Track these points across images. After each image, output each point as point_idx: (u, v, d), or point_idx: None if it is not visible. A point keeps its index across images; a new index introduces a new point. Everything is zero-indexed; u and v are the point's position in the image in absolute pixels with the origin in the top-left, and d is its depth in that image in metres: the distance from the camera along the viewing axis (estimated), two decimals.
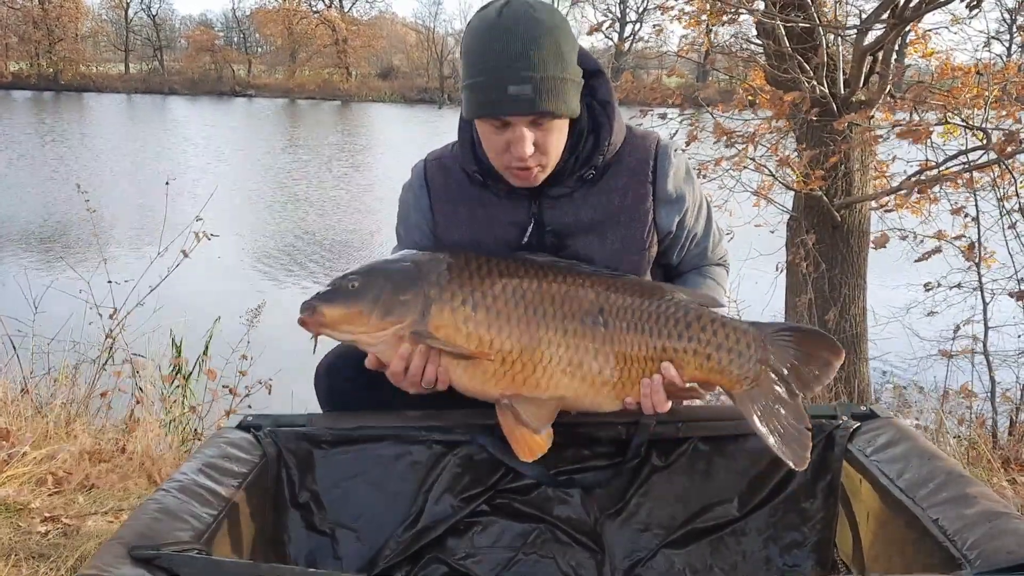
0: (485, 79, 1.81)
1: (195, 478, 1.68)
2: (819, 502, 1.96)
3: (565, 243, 2.01)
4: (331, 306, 1.82)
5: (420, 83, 58.51)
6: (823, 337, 1.91)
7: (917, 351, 6.61)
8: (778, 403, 1.84)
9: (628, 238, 2.02)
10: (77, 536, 3.07)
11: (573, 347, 1.83)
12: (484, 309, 1.82)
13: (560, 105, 1.82)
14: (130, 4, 62.60)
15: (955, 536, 1.51)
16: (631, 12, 45.75)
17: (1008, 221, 5.84)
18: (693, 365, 1.85)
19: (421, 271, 1.85)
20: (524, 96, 1.77)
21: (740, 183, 7.42)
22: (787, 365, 1.86)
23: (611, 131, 1.98)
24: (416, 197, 2.13)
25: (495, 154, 1.90)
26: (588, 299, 1.85)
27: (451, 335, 1.82)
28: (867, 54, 6.69)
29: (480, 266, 1.87)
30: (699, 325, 1.85)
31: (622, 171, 2.02)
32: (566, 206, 2.01)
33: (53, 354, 5.10)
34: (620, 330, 1.84)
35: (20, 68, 57.74)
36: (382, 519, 1.95)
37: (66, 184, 18.76)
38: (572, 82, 1.85)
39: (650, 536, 1.97)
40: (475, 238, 2.04)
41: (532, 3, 1.83)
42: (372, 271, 1.89)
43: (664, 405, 1.85)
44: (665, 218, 2.05)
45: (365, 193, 21.13)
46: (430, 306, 1.81)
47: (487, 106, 1.82)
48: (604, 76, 2.02)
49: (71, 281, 5.68)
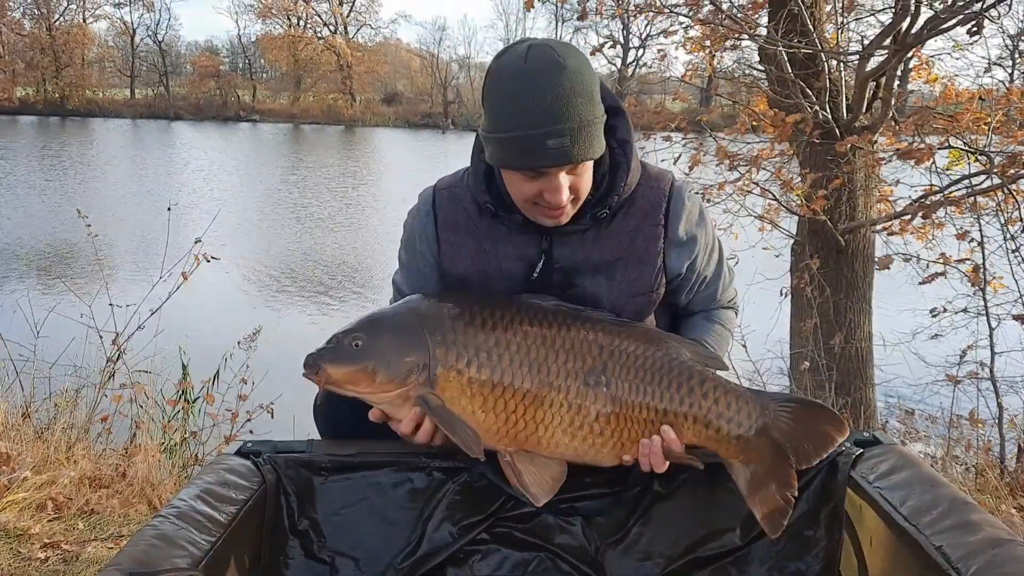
0: (521, 134, 1.77)
1: (193, 504, 1.67)
2: (822, 530, 1.94)
3: (572, 281, 1.99)
4: (335, 366, 1.82)
5: (424, 108, 58.82)
6: (826, 412, 1.90)
7: (923, 376, 6.58)
8: (770, 474, 1.83)
9: (636, 280, 2.00)
10: (77, 562, 3.06)
11: (575, 408, 1.83)
12: (489, 370, 1.81)
13: (595, 149, 1.82)
14: (136, 30, 63.16)
15: (959, 563, 1.49)
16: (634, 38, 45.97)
17: (1012, 245, 5.83)
18: (692, 431, 1.85)
19: (425, 328, 1.84)
20: (563, 149, 1.76)
21: (744, 207, 7.43)
22: (787, 437, 1.85)
23: (628, 171, 1.96)
24: (423, 225, 2.11)
25: (524, 199, 1.89)
26: (592, 356, 1.84)
27: (456, 396, 1.82)
28: (869, 80, 6.71)
29: (485, 320, 1.85)
30: (701, 391, 1.85)
31: (635, 212, 2.00)
32: (576, 244, 1.99)
33: (54, 379, 5.10)
34: (622, 391, 1.84)
35: (27, 93, 58.15)
36: (382, 547, 1.93)
37: (70, 208, 18.83)
38: (600, 120, 1.84)
39: (652, 565, 1.95)
40: (481, 270, 2.03)
41: (553, 45, 1.80)
42: (376, 328, 1.87)
43: (661, 466, 1.84)
44: (675, 261, 2.04)
45: (369, 217, 21.20)
46: (436, 368, 1.81)
47: (525, 160, 1.80)
48: (624, 115, 1.99)
49: (73, 305, 5.68)
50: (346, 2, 61.36)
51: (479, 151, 1.99)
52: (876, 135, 6.70)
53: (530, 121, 1.75)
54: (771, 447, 1.84)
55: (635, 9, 8.21)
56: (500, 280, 2.01)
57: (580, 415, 1.83)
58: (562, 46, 1.82)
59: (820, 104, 6.78)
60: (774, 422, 1.84)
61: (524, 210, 1.93)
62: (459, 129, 52.43)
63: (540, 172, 1.81)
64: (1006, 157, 5.98)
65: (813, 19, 6.83)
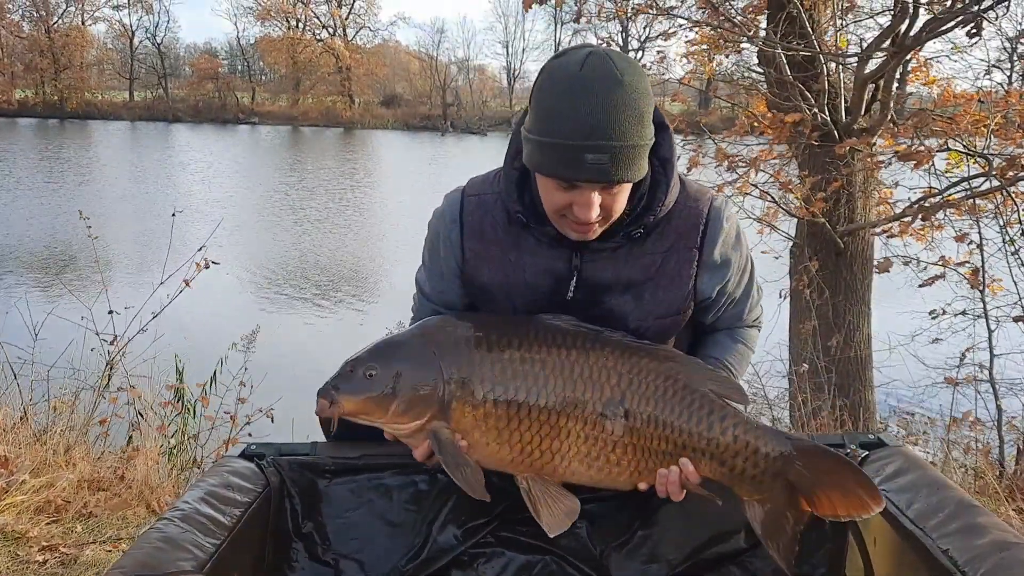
0: (561, 142, 1.68)
1: (197, 507, 1.67)
2: (828, 532, 1.94)
3: (599, 299, 1.92)
4: (349, 397, 1.79)
5: (423, 111, 58.86)
6: (862, 476, 1.77)
7: (922, 379, 6.58)
8: (786, 514, 1.80)
9: (665, 301, 1.93)
10: (75, 565, 3.05)
11: (592, 439, 1.79)
12: (505, 404, 1.78)
13: (636, 172, 1.73)
14: (135, 33, 63.23)
15: (965, 567, 1.49)
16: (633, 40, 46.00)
17: (1012, 248, 5.83)
18: (708, 467, 1.81)
19: (441, 359, 1.80)
20: (601, 166, 1.67)
21: (743, 210, 7.43)
22: (806, 484, 1.78)
23: (667, 191, 1.88)
24: (448, 229, 2.02)
25: (554, 209, 1.81)
26: (611, 385, 1.80)
27: (470, 429, 1.79)
28: (868, 82, 6.72)
29: (502, 350, 1.81)
30: (720, 427, 1.80)
31: (670, 233, 1.92)
32: (607, 262, 1.91)
33: (53, 381, 5.08)
34: (641, 423, 1.79)
35: (26, 95, 58.21)
36: (386, 550, 1.93)
37: (69, 211, 18.86)
38: (647, 144, 1.74)
39: (657, 568, 1.94)
40: (504, 281, 1.95)
41: (614, 57, 1.70)
42: (391, 358, 1.83)
43: (679, 495, 1.81)
44: (707, 284, 1.96)
45: (367, 220, 21.22)
46: (451, 402, 1.78)
47: (560, 169, 1.71)
48: (668, 131, 1.89)
49: (72, 308, 5.67)
50: (345, 4, 61.42)
51: (513, 155, 1.91)
52: (875, 137, 6.70)
53: (572, 131, 1.66)
54: (787, 490, 1.79)
55: (634, 11, 8.22)
56: (524, 293, 1.95)
57: (597, 446, 1.79)
58: (623, 60, 1.72)
59: (819, 106, 6.79)
60: (793, 466, 1.79)
61: (552, 220, 1.85)
62: (458, 131, 52.50)
63: (573, 185, 1.73)
64: (1005, 159, 5.98)
65: (812, 21, 6.84)
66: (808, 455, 1.79)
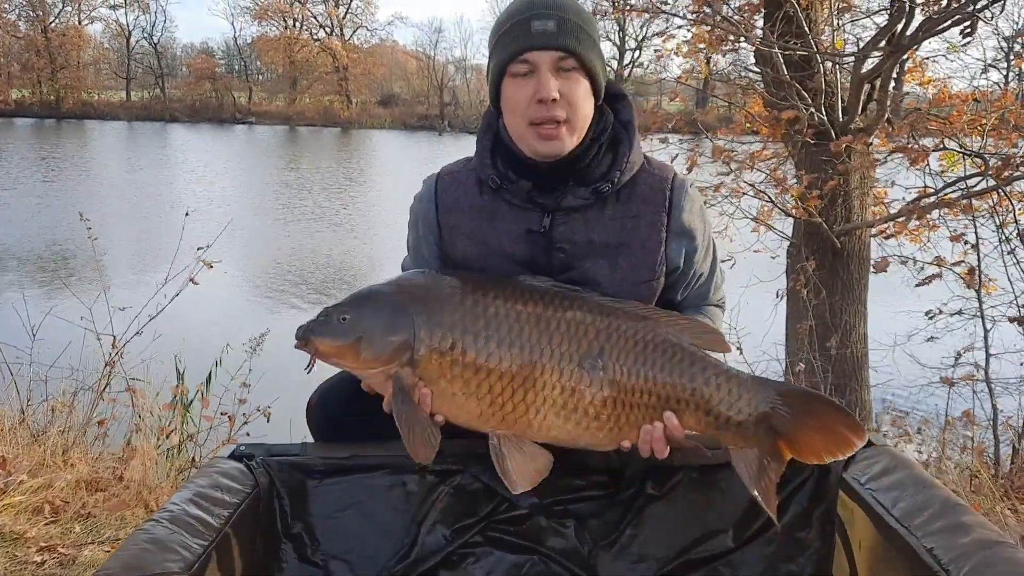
0: (512, 20, 1.90)
1: (186, 508, 1.67)
2: (815, 532, 1.95)
3: (574, 263, 1.98)
4: (321, 339, 1.82)
5: (420, 110, 58.69)
6: (843, 413, 1.82)
7: (918, 378, 6.58)
8: (771, 462, 1.81)
9: (638, 266, 1.99)
10: (73, 566, 3.05)
11: (569, 391, 1.78)
12: (474, 353, 1.78)
13: (582, 47, 1.89)
14: (132, 32, 63.08)
15: (949, 565, 1.50)
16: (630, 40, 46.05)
17: (1008, 247, 5.84)
18: (693, 418, 1.82)
19: (412, 307, 1.82)
20: (547, 31, 1.86)
21: (740, 209, 7.43)
22: (789, 427, 1.80)
23: (631, 148, 2.00)
24: (424, 209, 2.13)
25: (521, 111, 1.91)
26: (588, 338, 1.80)
27: (435, 378, 1.79)
28: (865, 81, 6.73)
29: (476, 301, 1.82)
30: (703, 377, 1.81)
31: (637, 197, 2.01)
32: (578, 224, 1.98)
33: (51, 382, 5.08)
34: (620, 375, 1.79)
35: (22, 95, 58.10)
36: (375, 550, 1.93)
37: (66, 211, 18.84)
38: (593, 41, 1.93)
39: (645, 567, 1.95)
40: (480, 251, 2.03)
41: None
42: (364, 305, 1.87)
43: (664, 452, 1.82)
44: (675, 251, 2.03)
45: (365, 219, 21.18)
46: (419, 349, 1.79)
47: (512, 44, 1.89)
48: (628, 101, 2.07)
49: (70, 308, 5.66)
50: (342, 4, 61.34)
51: (485, 129, 2.08)
52: (871, 137, 6.71)
53: (519, 7, 1.90)
54: (771, 435, 1.81)
55: (630, 10, 8.23)
56: (499, 259, 2.00)
57: (575, 399, 1.78)
58: None
59: (816, 106, 6.80)
60: (776, 411, 1.80)
61: (523, 141, 1.95)
62: (456, 131, 52.35)
63: (529, 70, 1.88)
64: (1001, 159, 5.99)
65: (809, 21, 6.85)
66: (789, 398, 1.82)
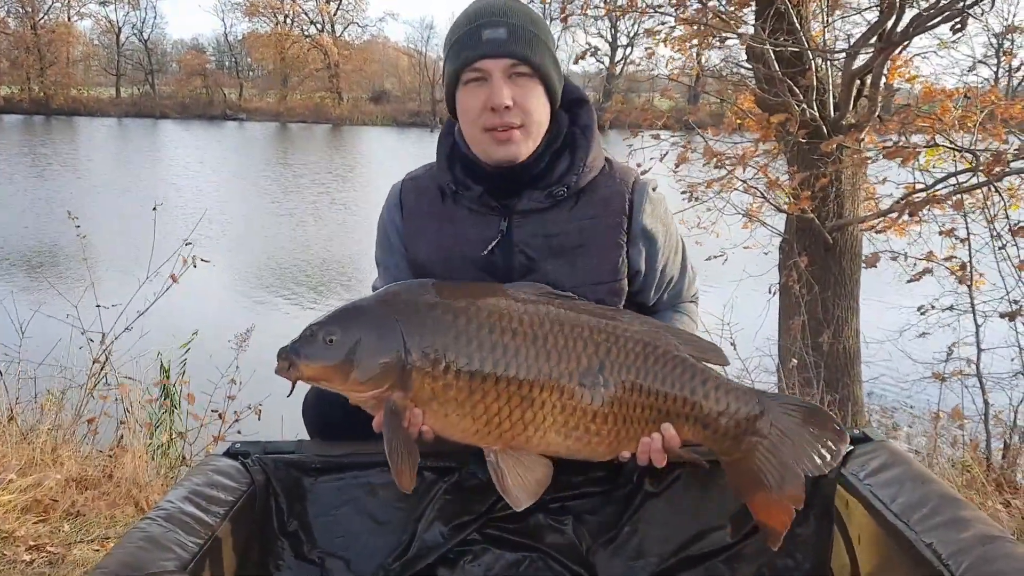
0: (461, 32, 1.91)
1: (181, 506, 1.66)
2: (813, 527, 1.94)
3: (535, 265, 1.97)
4: (308, 362, 1.74)
5: (412, 107, 58.57)
6: (827, 417, 1.83)
7: (910, 373, 6.60)
8: (763, 468, 1.80)
9: (598, 268, 1.98)
10: (63, 565, 3.03)
11: (570, 409, 1.76)
12: (468, 375, 1.74)
13: (534, 54, 1.88)
14: (122, 28, 62.81)
15: (949, 560, 1.49)
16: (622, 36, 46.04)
17: (998, 243, 5.86)
18: (692, 431, 1.82)
19: (402, 327, 1.76)
20: (497, 39, 1.86)
21: (730, 204, 7.44)
22: (785, 440, 1.80)
23: (588, 153, 1.99)
24: (391, 213, 2.14)
25: (475, 118, 1.91)
26: (587, 354, 1.78)
27: (428, 401, 1.75)
28: (856, 78, 6.73)
29: (469, 320, 1.77)
30: (703, 391, 1.81)
31: (596, 201, 2.00)
32: (536, 225, 1.98)
33: (39, 380, 5.05)
34: (620, 390, 1.78)
35: (11, 92, 57.72)
36: (372, 548, 1.92)
37: (55, 208, 18.76)
38: (547, 47, 1.92)
39: (643, 564, 1.95)
40: (442, 256, 2.02)
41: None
42: (351, 323, 1.79)
43: (662, 462, 1.82)
44: (636, 254, 2.02)
45: (356, 216, 21.12)
46: (410, 373, 1.74)
47: (463, 53, 1.89)
48: (588, 105, 2.07)
49: (59, 306, 5.63)
50: (333, 0, 61.20)
51: (444, 135, 2.08)
52: (863, 133, 6.72)
53: (470, 16, 1.92)
54: (768, 448, 1.80)
55: (619, 10, 8.22)
56: (461, 263, 2.00)
57: (575, 416, 1.76)
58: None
59: (807, 102, 6.80)
60: (773, 424, 1.80)
61: (479, 147, 1.95)
62: None
63: (482, 77, 1.87)
64: (992, 155, 6.00)
65: (800, 17, 6.85)
66: (784, 408, 1.83)
